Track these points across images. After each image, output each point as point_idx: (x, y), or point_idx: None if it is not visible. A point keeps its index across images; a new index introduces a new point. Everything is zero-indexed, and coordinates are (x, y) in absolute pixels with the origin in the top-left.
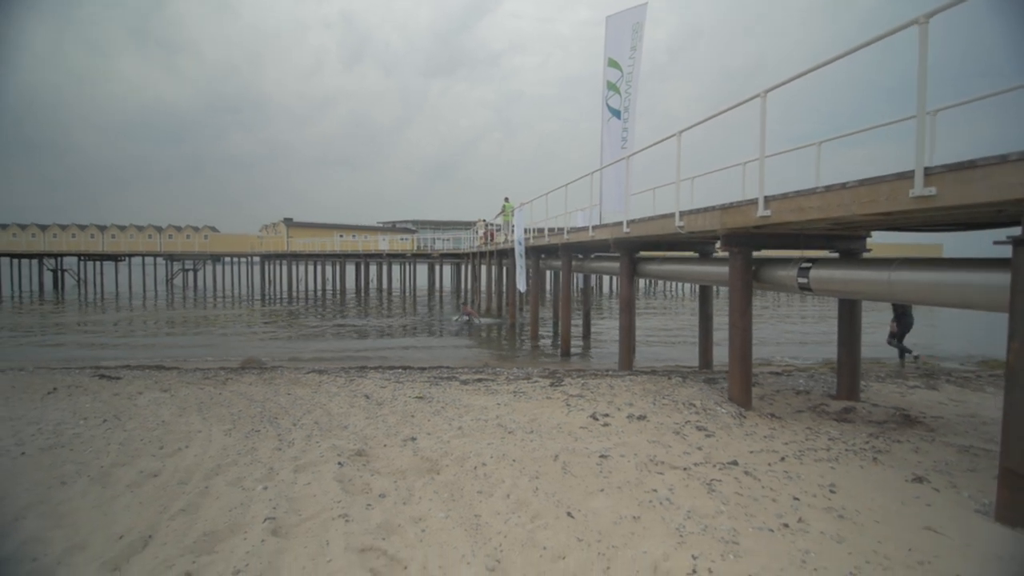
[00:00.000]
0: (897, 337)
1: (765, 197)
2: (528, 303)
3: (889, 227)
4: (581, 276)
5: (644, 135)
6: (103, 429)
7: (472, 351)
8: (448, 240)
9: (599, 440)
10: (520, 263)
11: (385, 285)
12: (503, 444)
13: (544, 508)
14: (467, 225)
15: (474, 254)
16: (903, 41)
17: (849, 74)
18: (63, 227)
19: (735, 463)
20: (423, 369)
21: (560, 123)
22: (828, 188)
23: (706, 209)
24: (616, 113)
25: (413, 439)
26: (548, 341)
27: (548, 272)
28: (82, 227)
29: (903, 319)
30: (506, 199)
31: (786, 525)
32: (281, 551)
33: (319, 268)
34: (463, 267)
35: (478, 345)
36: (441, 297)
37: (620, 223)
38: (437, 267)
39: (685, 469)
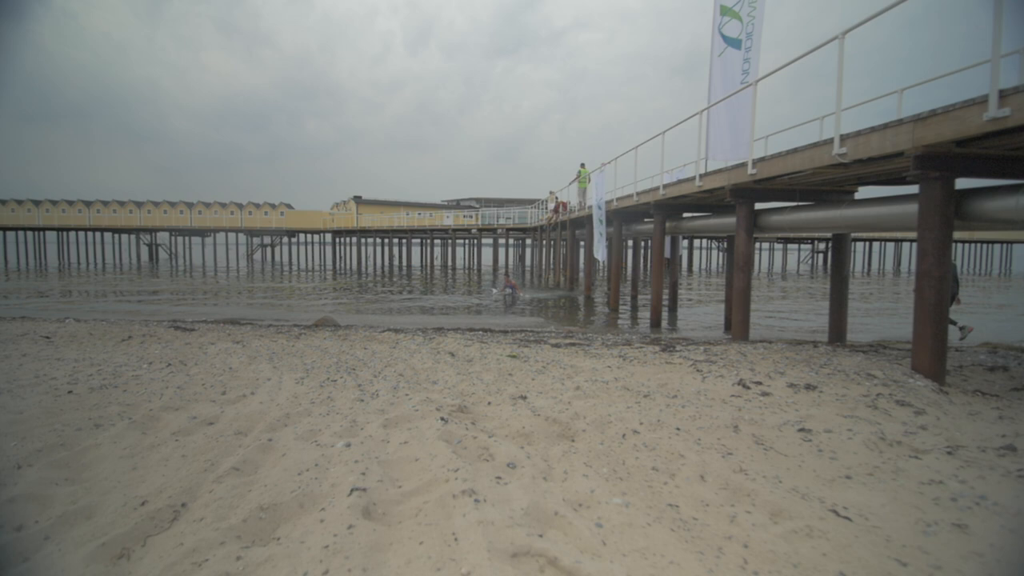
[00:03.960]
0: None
1: (1000, 91)
2: (602, 275)
3: None
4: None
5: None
6: (164, 373)
7: (551, 325)
8: (511, 218)
9: (772, 412)
10: (599, 230)
11: (449, 263)
12: (644, 410)
13: (784, 502)
14: (530, 202)
15: (542, 227)
16: None
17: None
18: (156, 204)
19: (1012, 448)
20: (506, 332)
21: (626, 103)
22: None
23: (885, 126)
24: (735, 43)
25: (523, 397)
26: (626, 320)
27: (623, 245)
28: (172, 204)
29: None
30: (582, 165)
31: None
32: (380, 547)
33: (386, 247)
34: (529, 245)
35: (552, 319)
36: (507, 274)
37: (742, 164)
38: (502, 245)
39: (949, 452)
